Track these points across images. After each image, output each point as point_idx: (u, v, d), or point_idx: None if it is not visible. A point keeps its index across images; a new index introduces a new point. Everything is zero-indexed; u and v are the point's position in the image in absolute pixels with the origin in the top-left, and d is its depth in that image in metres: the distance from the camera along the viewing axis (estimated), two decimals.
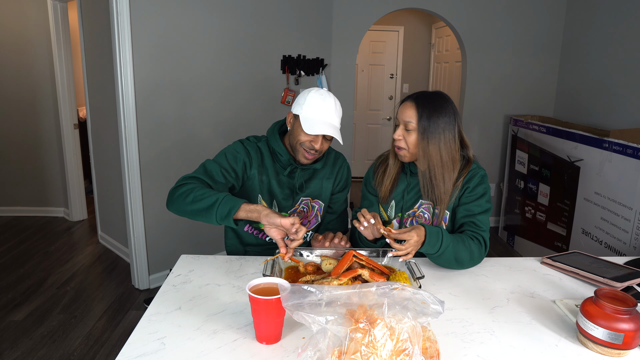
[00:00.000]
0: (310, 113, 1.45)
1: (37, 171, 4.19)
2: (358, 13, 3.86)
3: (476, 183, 1.47)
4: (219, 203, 1.30)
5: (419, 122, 1.40)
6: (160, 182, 2.92)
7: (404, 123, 1.43)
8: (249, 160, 1.52)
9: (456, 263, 1.35)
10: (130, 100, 2.69)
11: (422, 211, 1.53)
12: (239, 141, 1.56)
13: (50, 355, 2.26)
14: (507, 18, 3.93)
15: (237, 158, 1.51)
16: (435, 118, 1.40)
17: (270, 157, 1.56)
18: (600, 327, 0.96)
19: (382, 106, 5.97)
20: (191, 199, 1.34)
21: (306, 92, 1.49)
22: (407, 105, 1.43)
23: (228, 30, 3.08)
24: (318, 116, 1.45)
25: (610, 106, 3.36)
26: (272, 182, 1.54)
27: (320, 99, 1.46)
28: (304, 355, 0.82)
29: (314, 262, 1.34)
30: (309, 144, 1.47)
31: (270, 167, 1.55)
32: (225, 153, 1.52)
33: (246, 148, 1.53)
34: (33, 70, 3.98)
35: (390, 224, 1.58)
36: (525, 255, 3.59)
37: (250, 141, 1.57)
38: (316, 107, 1.45)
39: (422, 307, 0.85)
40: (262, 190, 1.55)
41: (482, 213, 1.44)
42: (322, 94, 1.48)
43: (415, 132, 1.41)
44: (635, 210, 2.45)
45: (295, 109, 1.49)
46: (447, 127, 1.41)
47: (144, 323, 1.06)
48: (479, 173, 1.48)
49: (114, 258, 3.43)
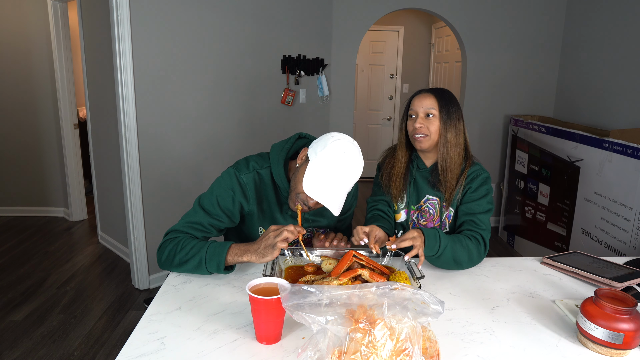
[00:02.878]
0: (321, 168, 1.25)
1: (37, 171, 4.19)
2: (358, 13, 3.86)
3: (479, 184, 1.49)
4: (205, 262, 1.23)
5: (440, 109, 1.46)
6: (160, 181, 2.92)
7: (424, 111, 1.47)
8: (244, 198, 1.36)
9: (455, 264, 1.35)
10: (130, 100, 2.69)
11: (428, 206, 1.55)
12: (234, 169, 1.37)
13: (50, 355, 2.26)
14: (507, 18, 3.93)
15: (230, 199, 1.35)
16: (453, 107, 1.47)
17: (272, 187, 1.40)
18: (600, 327, 0.96)
19: (382, 106, 5.97)
20: (177, 261, 1.27)
21: (333, 138, 1.27)
22: (425, 95, 1.49)
23: (228, 30, 3.08)
24: (328, 179, 1.25)
25: (610, 106, 3.36)
26: (275, 216, 1.42)
27: (341, 159, 1.24)
28: (304, 355, 0.82)
29: (314, 262, 1.34)
30: (304, 197, 1.30)
31: (272, 200, 1.40)
32: (216, 193, 1.35)
33: (241, 182, 1.36)
34: (33, 70, 3.98)
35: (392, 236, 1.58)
36: (525, 255, 3.59)
37: (250, 170, 1.37)
38: (330, 165, 1.24)
39: (422, 307, 0.85)
40: (262, 222, 1.42)
41: (482, 213, 1.46)
42: (345, 149, 1.24)
43: (437, 120, 1.47)
44: (635, 210, 2.45)
45: (311, 149, 1.30)
46: (460, 118, 1.49)
47: (144, 323, 1.06)
48: (482, 174, 1.50)
49: (114, 258, 3.43)
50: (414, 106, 1.49)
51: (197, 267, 1.25)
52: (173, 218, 2.92)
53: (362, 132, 5.98)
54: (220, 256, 1.23)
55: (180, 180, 2.99)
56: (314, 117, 3.84)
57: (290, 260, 1.35)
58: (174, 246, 1.29)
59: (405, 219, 1.58)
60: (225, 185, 1.36)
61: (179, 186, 2.98)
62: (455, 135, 1.47)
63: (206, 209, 1.35)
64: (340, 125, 4.04)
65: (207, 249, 1.24)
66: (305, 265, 1.32)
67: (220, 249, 1.23)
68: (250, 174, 1.37)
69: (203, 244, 1.27)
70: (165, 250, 1.30)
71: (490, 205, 1.48)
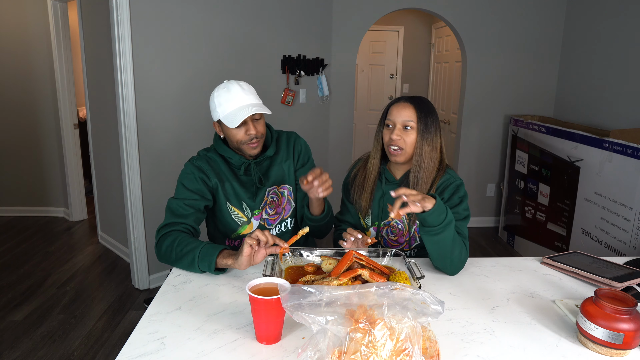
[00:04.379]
0: (226, 109, 1.44)
1: (37, 171, 4.19)
2: (358, 13, 3.86)
3: (451, 192, 1.44)
4: (197, 261, 1.29)
5: (419, 121, 1.42)
6: (160, 182, 2.92)
7: (402, 123, 1.44)
8: (204, 174, 1.50)
9: (448, 251, 1.29)
10: (130, 100, 2.69)
11: (396, 222, 1.53)
12: (189, 161, 1.53)
13: (50, 355, 2.26)
14: (507, 18, 3.93)
15: (194, 178, 1.48)
16: (431, 119, 1.44)
17: (224, 162, 1.54)
18: (600, 327, 0.96)
19: (382, 106, 5.95)
20: (174, 257, 1.34)
21: (212, 95, 1.49)
22: (404, 105, 1.45)
23: (228, 30, 3.09)
24: (233, 107, 1.43)
25: (610, 106, 3.36)
26: (234, 186, 1.53)
27: (225, 92, 1.45)
28: (304, 355, 0.82)
29: (314, 262, 1.34)
30: (245, 136, 1.46)
31: (227, 172, 1.53)
32: (182, 181, 1.50)
33: (196, 165, 1.51)
34: (33, 70, 3.98)
35: (367, 231, 1.58)
36: (525, 255, 3.59)
37: (200, 156, 1.54)
38: (226, 101, 1.44)
39: (422, 307, 0.85)
40: (228, 198, 1.53)
41: (460, 220, 1.41)
42: (223, 86, 1.47)
43: (414, 132, 1.43)
44: (635, 210, 2.45)
45: (213, 116, 1.50)
46: (437, 130, 1.45)
47: (144, 323, 1.06)
48: (453, 183, 1.46)
49: (114, 258, 3.43)
50: (392, 115, 1.46)
51: (190, 265, 1.31)
52: None
53: (362, 132, 5.98)
54: (212, 257, 1.28)
55: None
56: (314, 117, 3.84)
57: (290, 260, 1.35)
58: (171, 242, 1.36)
59: (376, 236, 1.56)
60: (186, 173, 1.51)
61: None
62: (431, 148, 1.43)
63: (178, 197, 1.48)
64: (340, 125, 4.04)
65: (200, 249, 1.30)
66: (305, 265, 1.32)
67: (212, 251, 1.29)
68: (201, 158, 1.54)
69: (198, 243, 1.33)
70: (163, 246, 1.38)
71: (467, 212, 1.44)
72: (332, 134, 4.04)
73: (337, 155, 4.05)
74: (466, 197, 1.46)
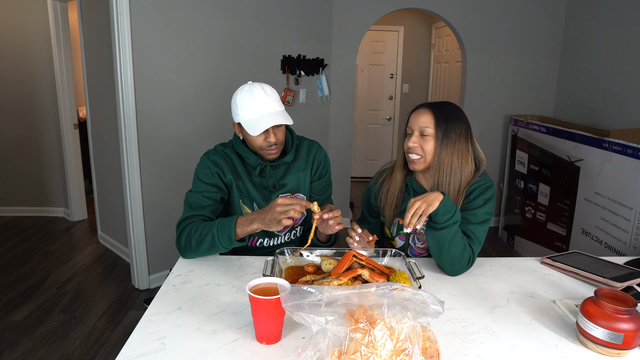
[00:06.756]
0: (248, 114, 1.42)
1: (37, 171, 4.19)
2: (358, 13, 3.86)
3: (477, 194, 1.41)
4: (217, 237, 1.32)
5: (437, 127, 1.39)
6: (160, 182, 2.92)
7: (419, 129, 1.41)
8: (220, 169, 1.50)
9: (445, 247, 1.29)
10: (130, 100, 2.69)
11: (423, 228, 1.47)
12: (205, 155, 1.53)
13: (50, 355, 2.26)
14: (507, 18, 3.93)
15: (210, 172, 1.48)
16: (452, 125, 1.40)
17: (240, 161, 1.53)
18: (600, 327, 0.96)
19: (382, 106, 5.96)
20: (194, 244, 1.36)
21: (234, 96, 1.46)
22: (423, 111, 1.42)
23: (228, 30, 3.09)
24: (256, 113, 1.41)
25: (610, 106, 3.36)
26: (247, 185, 1.52)
27: (248, 95, 1.43)
28: (304, 355, 0.82)
29: (314, 262, 1.34)
30: (264, 143, 1.45)
31: (242, 170, 1.52)
32: (198, 175, 1.50)
33: (212, 160, 1.50)
34: (33, 70, 3.98)
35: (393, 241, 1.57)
36: (525, 255, 3.59)
37: (217, 150, 1.54)
38: (249, 106, 1.42)
39: (422, 307, 0.84)
40: (241, 196, 1.53)
41: (477, 224, 1.39)
42: (247, 89, 1.44)
43: (432, 139, 1.40)
44: (635, 210, 2.45)
45: (234, 118, 1.47)
46: (461, 136, 1.41)
47: (144, 323, 1.06)
48: (483, 184, 1.42)
49: (114, 258, 3.43)
50: (410, 123, 1.44)
51: (212, 245, 1.34)
52: (173, 218, 2.92)
53: (362, 132, 5.97)
54: (230, 228, 1.31)
55: (181, 181, 2.99)
56: (314, 117, 3.85)
57: (290, 260, 1.35)
58: (188, 233, 1.38)
59: (403, 245, 1.54)
60: (202, 167, 1.50)
61: (179, 186, 2.98)
62: (452, 155, 1.38)
63: (195, 190, 1.48)
64: (340, 125, 4.04)
65: (216, 225, 1.33)
66: (305, 265, 1.32)
67: (229, 222, 1.32)
68: (217, 154, 1.53)
69: (212, 223, 1.36)
70: (182, 238, 1.39)
71: (488, 215, 1.40)
72: (332, 134, 4.04)
73: (337, 156, 4.05)
74: (492, 199, 1.41)
